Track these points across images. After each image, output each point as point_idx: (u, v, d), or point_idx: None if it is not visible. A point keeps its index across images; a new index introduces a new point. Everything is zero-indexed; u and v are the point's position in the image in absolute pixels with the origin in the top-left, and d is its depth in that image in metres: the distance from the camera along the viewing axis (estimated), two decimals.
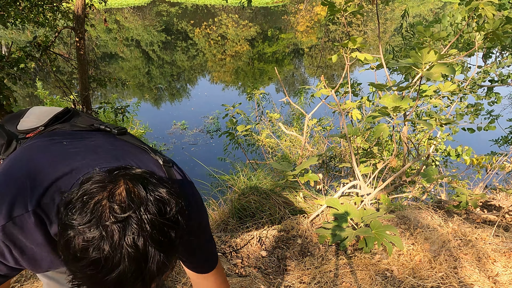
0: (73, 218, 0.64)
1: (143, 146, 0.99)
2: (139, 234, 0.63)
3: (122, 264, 0.62)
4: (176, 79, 11.55)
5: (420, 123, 2.04)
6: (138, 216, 0.64)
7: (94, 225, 0.62)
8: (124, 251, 0.62)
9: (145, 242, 0.63)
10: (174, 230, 0.68)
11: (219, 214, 2.80)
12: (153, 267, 0.65)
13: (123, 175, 0.69)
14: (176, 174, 0.97)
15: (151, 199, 0.66)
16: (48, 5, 5.99)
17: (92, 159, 0.87)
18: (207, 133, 7.70)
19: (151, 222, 0.64)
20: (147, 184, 0.69)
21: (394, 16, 19.29)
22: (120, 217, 0.63)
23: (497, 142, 5.02)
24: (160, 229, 0.65)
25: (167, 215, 0.67)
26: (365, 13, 18.42)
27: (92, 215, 0.63)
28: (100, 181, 0.68)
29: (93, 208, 0.64)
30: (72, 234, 0.63)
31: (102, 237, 0.62)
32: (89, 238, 0.62)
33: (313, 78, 11.58)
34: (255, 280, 1.96)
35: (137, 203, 0.65)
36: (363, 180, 2.50)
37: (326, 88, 2.75)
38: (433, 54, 1.91)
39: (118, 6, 19.84)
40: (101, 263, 0.62)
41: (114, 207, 0.64)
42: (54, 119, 1.06)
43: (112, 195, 0.65)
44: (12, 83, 4.98)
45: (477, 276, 1.91)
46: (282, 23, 19.24)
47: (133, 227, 0.63)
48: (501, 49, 5.60)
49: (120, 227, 0.62)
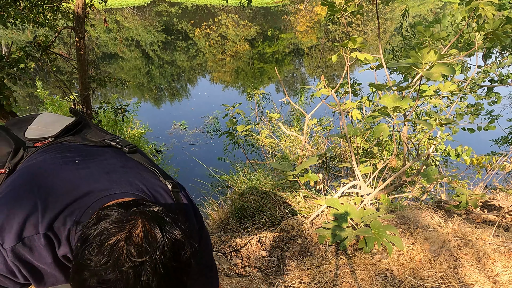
0: (90, 258, 0.64)
1: (153, 169, 0.98)
2: (153, 278, 0.63)
3: None
4: (176, 79, 11.55)
5: (420, 123, 2.04)
6: (154, 261, 0.64)
7: (111, 267, 0.63)
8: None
9: (158, 285, 0.64)
10: (186, 273, 0.69)
11: (219, 214, 2.80)
12: None
13: (141, 214, 0.69)
14: (183, 199, 0.97)
15: (166, 241, 0.67)
16: (48, 5, 5.99)
17: (105, 182, 0.87)
18: (207, 133, 7.70)
19: (165, 266, 0.65)
20: (163, 225, 0.69)
21: (394, 16, 19.28)
22: (136, 262, 0.63)
23: (497, 142, 5.02)
24: (173, 272, 0.66)
25: (179, 258, 0.68)
26: (365, 13, 18.41)
27: (109, 257, 0.63)
28: (117, 221, 0.68)
29: (111, 249, 0.64)
30: (88, 275, 0.64)
31: (117, 280, 0.62)
32: (105, 280, 0.62)
33: (313, 78, 11.58)
34: (255, 280, 1.96)
35: (154, 247, 0.65)
36: (363, 180, 2.50)
37: (326, 88, 2.75)
38: (433, 54, 1.91)
39: (118, 6, 19.83)
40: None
41: (131, 250, 0.64)
42: (65, 130, 1.04)
43: (130, 237, 0.66)
44: (12, 83, 4.98)
45: (477, 276, 1.91)
46: (282, 23, 19.24)
47: (147, 271, 0.63)
48: (501, 49, 5.60)
49: (136, 271, 0.63)
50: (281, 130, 5.05)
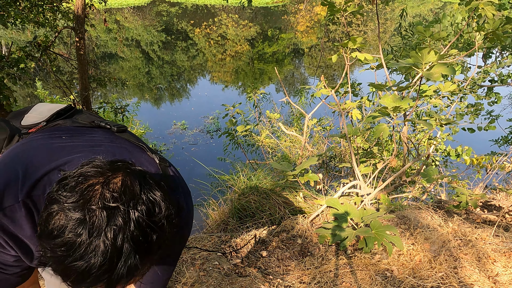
0: (62, 194, 0.62)
1: (141, 145, 0.98)
2: (120, 229, 0.61)
3: (94, 255, 0.60)
4: (176, 79, 11.55)
5: (420, 123, 2.04)
6: (126, 210, 0.62)
7: (80, 206, 0.61)
8: (100, 242, 0.60)
9: (123, 238, 0.61)
10: (156, 234, 0.65)
11: (219, 214, 2.80)
12: (124, 268, 0.62)
13: (124, 168, 0.68)
14: (170, 172, 0.96)
15: (143, 197, 0.65)
16: (48, 5, 5.99)
17: (89, 153, 0.86)
18: (207, 133, 7.70)
19: (137, 220, 0.62)
20: (144, 183, 0.67)
21: (394, 16, 19.28)
22: (108, 205, 0.61)
23: (497, 142, 5.02)
24: (143, 230, 0.63)
25: (154, 217, 0.65)
26: (365, 13, 18.42)
27: (82, 196, 0.62)
28: (99, 167, 0.67)
29: (85, 189, 0.62)
30: (56, 209, 0.62)
31: (84, 221, 0.60)
32: (70, 217, 0.60)
33: (313, 78, 11.57)
34: (255, 280, 1.96)
35: (129, 197, 0.63)
36: (363, 180, 2.50)
37: (326, 88, 2.75)
38: (433, 54, 1.91)
39: (118, 6, 19.83)
40: (74, 246, 0.60)
41: (106, 194, 0.62)
42: (56, 115, 1.06)
43: (107, 182, 0.64)
44: (12, 83, 4.98)
45: (477, 276, 1.91)
46: (282, 23, 19.24)
47: (117, 220, 0.61)
48: (501, 49, 5.60)
49: (104, 215, 0.60)
50: (281, 130, 5.05)
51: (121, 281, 0.63)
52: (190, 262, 2.11)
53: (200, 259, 2.14)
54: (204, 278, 1.94)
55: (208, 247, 2.31)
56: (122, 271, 0.62)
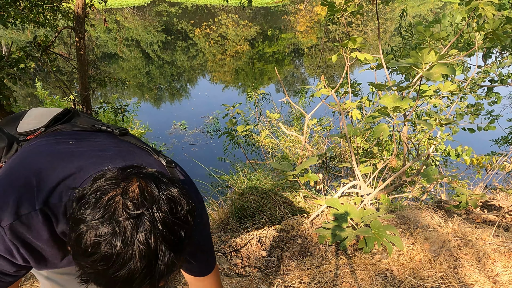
0: (85, 213, 0.64)
1: (145, 147, 0.99)
2: (151, 232, 0.63)
3: (133, 260, 0.62)
4: (176, 79, 11.55)
5: (420, 123, 2.04)
6: (151, 214, 0.64)
7: (107, 220, 0.63)
8: (135, 248, 0.62)
9: (156, 240, 0.63)
10: (184, 229, 0.68)
11: (219, 214, 2.80)
12: (163, 266, 0.65)
13: (136, 174, 0.70)
14: (179, 175, 0.97)
15: (163, 197, 0.67)
16: (48, 5, 5.99)
17: (99, 158, 0.87)
18: (207, 133, 7.70)
19: (163, 221, 0.65)
20: (159, 183, 0.69)
21: (394, 16, 19.28)
22: (133, 214, 0.63)
23: (497, 142, 5.02)
24: (171, 228, 0.66)
25: (178, 214, 0.68)
26: (365, 13, 18.42)
27: (106, 210, 0.63)
28: (113, 178, 0.68)
29: (107, 204, 0.64)
30: (85, 229, 0.63)
31: (115, 233, 0.62)
32: (101, 233, 0.62)
33: (313, 78, 11.57)
34: (255, 280, 1.96)
35: (150, 201, 0.66)
36: (363, 180, 2.50)
37: (326, 88, 2.75)
38: (434, 54, 1.91)
39: (118, 6, 19.83)
40: (112, 258, 0.62)
41: (128, 203, 0.64)
42: (54, 120, 1.05)
43: (126, 192, 0.66)
44: (12, 83, 4.98)
45: (477, 276, 1.91)
46: (282, 23, 19.24)
47: (145, 224, 0.63)
48: (501, 49, 5.60)
49: (132, 223, 0.63)
50: (281, 130, 5.05)
51: (163, 279, 0.67)
52: None
53: None
54: None
55: None
56: (162, 269, 0.65)
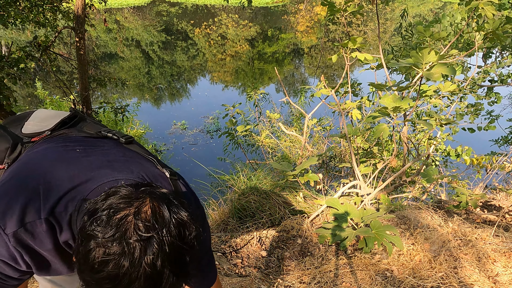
0: (97, 229, 0.65)
1: (150, 158, 0.99)
2: (158, 255, 0.64)
3: (138, 282, 0.63)
4: (176, 79, 11.55)
5: (420, 123, 2.04)
6: (160, 238, 0.65)
7: (118, 240, 0.64)
8: (142, 269, 0.63)
9: (162, 263, 0.65)
10: (190, 254, 0.70)
11: (219, 214, 2.80)
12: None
13: (150, 193, 0.71)
14: (181, 187, 0.97)
15: (173, 221, 0.68)
16: (48, 5, 5.99)
17: (107, 169, 0.87)
18: (207, 133, 7.70)
19: (171, 245, 0.66)
20: (170, 205, 0.70)
21: (394, 16, 19.28)
22: (144, 236, 0.64)
23: (497, 142, 5.02)
24: (178, 253, 0.67)
25: (185, 240, 0.69)
26: (365, 13, 18.41)
27: (117, 230, 0.64)
28: (127, 196, 0.69)
29: (119, 223, 0.65)
30: (94, 246, 0.64)
31: (124, 253, 0.63)
32: (110, 252, 0.63)
33: (313, 78, 11.57)
34: (255, 280, 1.96)
35: (161, 224, 0.67)
36: (363, 180, 2.50)
37: (326, 88, 2.75)
38: (434, 54, 1.91)
39: (118, 6, 19.82)
40: (118, 278, 0.63)
41: (139, 225, 0.65)
42: (61, 124, 1.05)
43: (138, 212, 0.67)
44: (12, 83, 4.98)
45: (477, 276, 1.91)
46: (282, 23, 19.24)
47: (154, 247, 0.64)
48: (501, 49, 5.60)
49: (142, 245, 0.64)
50: (281, 130, 5.05)
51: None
52: None
53: None
54: None
55: None
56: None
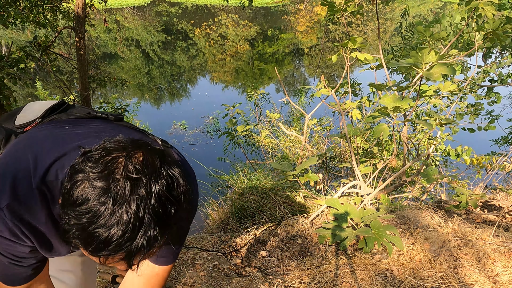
0: (87, 165, 0.65)
1: (141, 130, 1.01)
2: (142, 200, 0.63)
3: (116, 222, 0.62)
4: (176, 79, 11.55)
5: (420, 123, 2.04)
6: (148, 182, 0.64)
7: (105, 176, 0.63)
8: (123, 211, 0.62)
9: (145, 209, 0.63)
10: (175, 207, 0.68)
11: (219, 214, 2.80)
12: (144, 238, 0.64)
13: (145, 145, 0.70)
14: (174, 155, 0.96)
15: (163, 172, 0.67)
16: (48, 5, 5.99)
17: (96, 138, 0.87)
18: (207, 133, 7.70)
19: (158, 193, 0.65)
20: (164, 159, 0.70)
21: (394, 16, 19.28)
22: (131, 177, 0.63)
23: (497, 142, 5.02)
24: (163, 203, 0.65)
25: (173, 192, 0.67)
26: (365, 13, 18.41)
27: (106, 167, 0.64)
28: (122, 142, 0.69)
29: (109, 161, 0.65)
30: (81, 178, 0.64)
31: (108, 190, 0.62)
32: (95, 186, 0.62)
33: (313, 78, 11.57)
34: (255, 280, 1.96)
35: (151, 171, 0.66)
36: (363, 180, 2.50)
37: (326, 88, 2.75)
38: (434, 54, 1.91)
39: (118, 6, 19.83)
40: (97, 214, 0.61)
41: (129, 166, 0.64)
42: (50, 110, 1.06)
43: (130, 156, 0.66)
44: (12, 83, 4.98)
45: (477, 276, 1.91)
46: (282, 23, 19.24)
47: (140, 191, 0.63)
48: (501, 49, 5.60)
49: (127, 186, 0.63)
50: (281, 130, 5.05)
51: (140, 251, 0.65)
52: (190, 262, 2.11)
53: (200, 259, 2.14)
54: (204, 278, 1.94)
55: (208, 247, 2.31)
56: (142, 241, 0.64)
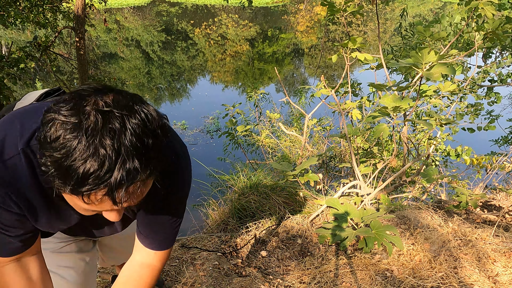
0: (58, 105, 0.65)
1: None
2: (116, 132, 0.62)
3: (92, 156, 0.60)
4: (176, 79, 11.55)
5: (420, 123, 2.04)
6: (121, 116, 0.63)
7: (75, 112, 0.63)
8: (97, 143, 0.61)
9: (120, 141, 0.62)
10: (152, 140, 0.66)
11: (219, 214, 2.80)
12: (123, 171, 0.62)
13: (117, 89, 0.70)
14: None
15: (137, 108, 0.66)
16: (48, 5, 5.99)
17: None
18: (207, 133, 7.69)
19: (132, 126, 0.63)
20: (136, 99, 0.69)
21: (394, 16, 19.28)
22: (102, 110, 0.63)
23: (497, 142, 5.02)
24: (139, 135, 0.64)
25: (148, 125, 0.66)
26: (365, 13, 18.41)
27: (76, 104, 0.64)
28: (93, 86, 0.69)
29: (79, 100, 0.64)
30: (52, 117, 0.63)
31: (80, 124, 0.61)
32: (67, 121, 0.62)
33: (313, 78, 11.57)
34: (255, 280, 1.96)
35: (123, 106, 0.65)
36: (363, 180, 2.50)
37: (326, 88, 2.75)
38: (433, 54, 1.91)
39: (118, 6, 19.83)
40: (71, 149, 0.61)
41: (99, 102, 0.64)
42: (45, 94, 1.07)
43: (101, 95, 0.66)
44: (12, 83, 4.98)
45: (477, 276, 1.91)
46: (282, 23, 19.24)
47: (113, 124, 0.62)
48: (501, 49, 5.60)
49: (99, 118, 0.62)
50: (281, 130, 5.05)
51: (121, 185, 0.63)
52: (190, 262, 2.11)
53: (200, 259, 2.14)
54: (204, 278, 1.94)
55: (208, 247, 2.31)
56: (122, 173, 0.62)
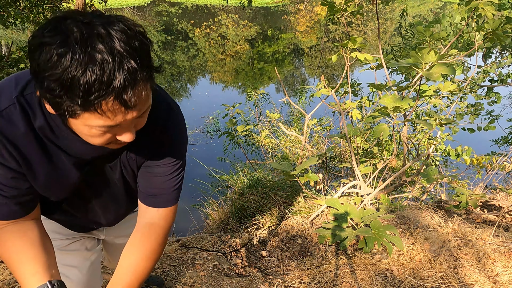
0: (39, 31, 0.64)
1: None
2: (104, 38, 0.62)
3: (90, 63, 0.60)
4: (176, 79, 11.54)
5: (420, 123, 2.04)
6: (103, 26, 0.63)
7: (58, 31, 0.62)
8: (91, 51, 0.60)
9: (110, 45, 0.62)
10: (138, 42, 0.66)
11: (219, 214, 2.81)
12: (124, 72, 0.62)
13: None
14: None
15: (113, 19, 0.66)
16: (48, 5, 5.99)
17: None
18: (207, 133, 7.69)
19: (115, 31, 0.63)
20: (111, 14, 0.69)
21: (394, 16, 19.28)
22: (84, 21, 0.63)
23: (497, 142, 5.01)
24: (124, 38, 0.63)
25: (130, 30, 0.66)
26: (365, 13, 18.41)
27: (57, 24, 0.63)
28: (67, 11, 0.69)
29: (59, 21, 0.64)
30: (38, 41, 0.63)
31: (66, 39, 0.61)
32: (54, 42, 0.61)
33: (313, 78, 11.57)
34: (255, 280, 1.96)
35: (99, 17, 0.66)
36: (363, 180, 2.50)
37: (326, 88, 2.75)
38: (433, 54, 1.91)
39: (118, 6, 19.83)
40: (68, 62, 0.60)
41: (77, 17, 0.64)
42: None
43: (77, 14, 0.66)
44: None
45: (477, 276, 1.91)
46: (282, 23, 19.24)
47: (99, 31, 0.62)
48: (501, 49, 5.60)
49: (84, 30, 0.62)
50: (281, 130, 5.05)
51: (127, 86, 0.63)
52: (190, 262, 2.11)
53: (200, 259, 2.14)
54: (204, 278, 1.94)
55: (208, 247, 2.31)
56: (124, 75, 0.62)
